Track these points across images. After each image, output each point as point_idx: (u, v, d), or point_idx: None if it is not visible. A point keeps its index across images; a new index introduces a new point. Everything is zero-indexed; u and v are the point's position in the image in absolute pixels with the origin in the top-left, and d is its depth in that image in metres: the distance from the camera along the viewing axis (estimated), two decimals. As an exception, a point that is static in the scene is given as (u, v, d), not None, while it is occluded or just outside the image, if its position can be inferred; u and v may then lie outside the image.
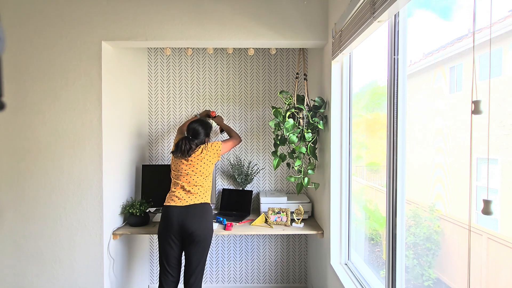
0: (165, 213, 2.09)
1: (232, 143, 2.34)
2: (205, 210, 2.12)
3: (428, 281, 1.58)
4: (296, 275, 3.07)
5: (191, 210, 2.07)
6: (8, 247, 2.20)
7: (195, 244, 2.06)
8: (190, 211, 2.07)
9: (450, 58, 1.46)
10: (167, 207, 2.10)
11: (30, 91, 2.17)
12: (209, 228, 2.11)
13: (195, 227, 2.04)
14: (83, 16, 2.17)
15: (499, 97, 1.07)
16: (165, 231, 2.07)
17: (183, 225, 2.04)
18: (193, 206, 2.09)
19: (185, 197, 2.10)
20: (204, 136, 2.23)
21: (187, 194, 2.12)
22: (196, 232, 2.04)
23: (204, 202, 2.14)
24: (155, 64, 2.98)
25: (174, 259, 2.11)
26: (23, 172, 2.18)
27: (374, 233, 2.11)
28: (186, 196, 2.11)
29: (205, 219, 2.09)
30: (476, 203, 1.02)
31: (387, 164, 1.50)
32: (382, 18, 1.36)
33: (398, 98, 1.43)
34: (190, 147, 2.12)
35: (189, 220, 2.04)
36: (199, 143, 2.19)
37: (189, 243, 2.07)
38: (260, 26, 2.21)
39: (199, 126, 2.22)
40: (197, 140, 2.18)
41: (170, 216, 2.05)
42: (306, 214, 2.59)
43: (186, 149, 2.12)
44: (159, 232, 2.10)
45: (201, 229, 2.06)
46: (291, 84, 2.97)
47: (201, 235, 2.05)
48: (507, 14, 1.05)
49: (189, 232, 2.04)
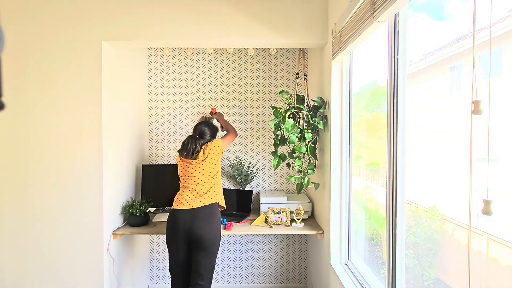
0: (171, 217, 2.06)
1: (230, 137, 2.32)
2: (213, 211, 2.08)
3: (428, 281, 1.58)
4: (296, 275, 3.07)
5: (199, 213, 2.03)
6: (8, 247, 2.20)
7: (204, 249, 2.02)
8: (198, 214, 2.02)
9: (450, 58, 1.46)
10: (174, 210, 2.06)
11: (30, 91, 2.17)
12: (218, 231, 2.08)
13: (203, 231, 2.00)
14: (83, 16, 2.16)
15: (499, 97, 1.07)
16: (172, 235, 2.05)
17: (191, 230, 2.00)
18: (202, 208, 2.04)
19: (194, 199, 2.06)
20: (210, 137, 2.21)
21: (197, 196, 2.08)
22: (204, 237, 2.00)
23: (213, 203, 2.09)
24: (155, 64, 2.98)
25: (184, 260, 2.08)
26: (23, 172, 2.18)
27: (374, 233, 2.11)
28: (195, 198, 2.07)
29: (213, 222, 2.05)
30: (476, 203, 1.02)
31: (387, 164, 1.50)
32: (382, 18, 1.36)
33: (398, 98, 1.43)
34: (195, 146, 2.10)
35: (196, 225, 2.00)
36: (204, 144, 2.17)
37: (197, 247, 2.03)
38: (260, 26, 2.21)
39: (205, 127, 2.20)
40: (203, 141, 2.16)
41: (177, 220, 2.02)
42: (306, 214, 2.59)
43: (192, 148, 2.10)
44: (167, 236, 2.08)
45: (210, 233, 2.02)
46: (291, 84, 2.96)
47: (209, 240, 2.02)
48: (507, 14, 1.05)
49: (197, 237, 2.00)
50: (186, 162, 2.13)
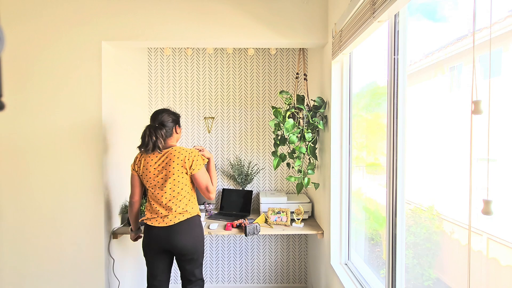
0: (147, 231, 1.85)
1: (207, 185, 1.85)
2: (193, 224, 1.84)
3: (428, 281, 1.58)
4: (296, 275, 3.07)
5: (177, 230, 1.79)
6: (8, 247, 2.20)
7: (186, 257, 1.87)
8: (175, 231, 1.79)
9: (450, 58, 1.46)
10: (148, 226, 1.83)
11: (30, 91, 2.17)
12: (200, 240, 1.88)
13: (183, 243, 1.81)
14: (83, 16, 2.16)
15: (499, 97, 1.07)
16: (149, 247, 1.87)
17: (170, 244, 1.81)
18: (179, 224, 1.79)
19: (166, 214, 1.78)
20: (172, 124, 1.85)
21: (168, 211, 1.78)
22: (185, 248, 1.82)
23: (191, 217, 1.83)
24: (155, 64, 2.98)
25: (162, 273, 1.93)
26: (23, 172, 2.18)
27: (374, 233, 2.11)
28: (167, 213, 1.78)
29: (194, 233, 1.84)
30: (476, 203, 1.02)
31: (387, 164, 1.50)
32: (382, 18, 1.36)
33: (398, 98, 1.43)
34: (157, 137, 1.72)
35: (175, 239, 1.79)
36: (168, 134, 1.83)
37: (179, 257, 1.88)
38: (260, 26, 2.21)
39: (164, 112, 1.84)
40: (165, 129, 1.80)
41: (153, 235, 1.82)
42: (306, 214, 2.59)
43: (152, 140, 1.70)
44: (143, 246, 1.90)
45: (191, 243, 1.83)
46: (291, 84, 2.97)
47: (191, 249, 1.84)
48: (507, 14, 1.05)
49: (178, 249, 1.82)
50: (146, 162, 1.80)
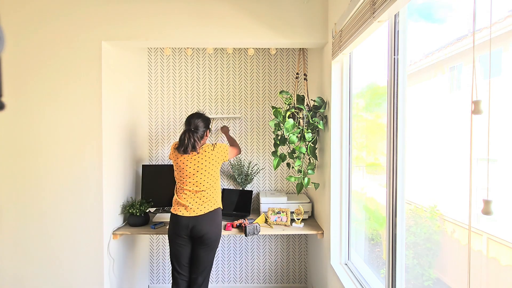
0: (174, 219, 2.07)
1: (235, 150, 2.31)
2: (216, 215, 2.09)
3: (428, 281, 1.58)
4: (296, 275, 3.07)
5: (202, 219, 2.04)
6: (8, 247, 2.20)
7: (205, 245, 2.06)
8: (200, 220, 2.03)
9: (450, 58, 1.46)
10: (176, 215, 2.06)
11: (30, 91, 2.17)
12: (219, 230, 2.12)
13: (206, 230, 2.03)
14: (83, 16, 2.16)
15: (499, 97, 1.07)
16: (175, 233, 2.06)
17: (194, 230, 2.03)
18: (205, 215, 2.04)
19: (194, 204, 2.04)
20: (204, 128, 2.11)
21: (196, 200, 2.05)
22: (207, 234, 2.03)
23: (216, 209, 2.09)
24: (155, 64, 2.98)
25: (186, 258, 2.10)
26: (23, 172, 2.18)
27: (374, 233, 2.11)
28: (195, 203, 2.04)
29: (216, 223, 2.09)
30: (476, 203, 1.02)
31: (387, 164, 1.50)
32: (382, 18, 1.36)
33: (398, 98, 1.43)
34: (194, 140, 2.01)
35: (200, 226, 2.03)
36: (201, 136, 2.09)
37: (199, 244, 2.07)
38: (260, 26, 2.21)
39: (198, 118, 2.09)
40: (199, 132, 2.06)
41: (179, 222, 2.03)
42: (306, 214, 2.59)
43: (191, 142, 2.01)
44: (169, 234, 2.10)
45: (212, 231, 2.05)
46: (291, 84, 2.97)
47: (211, 237, 2.05)
48: (507, 14, 1.05)
49: (200, 234, 2.03)
50: (183, 158, 2.05)
